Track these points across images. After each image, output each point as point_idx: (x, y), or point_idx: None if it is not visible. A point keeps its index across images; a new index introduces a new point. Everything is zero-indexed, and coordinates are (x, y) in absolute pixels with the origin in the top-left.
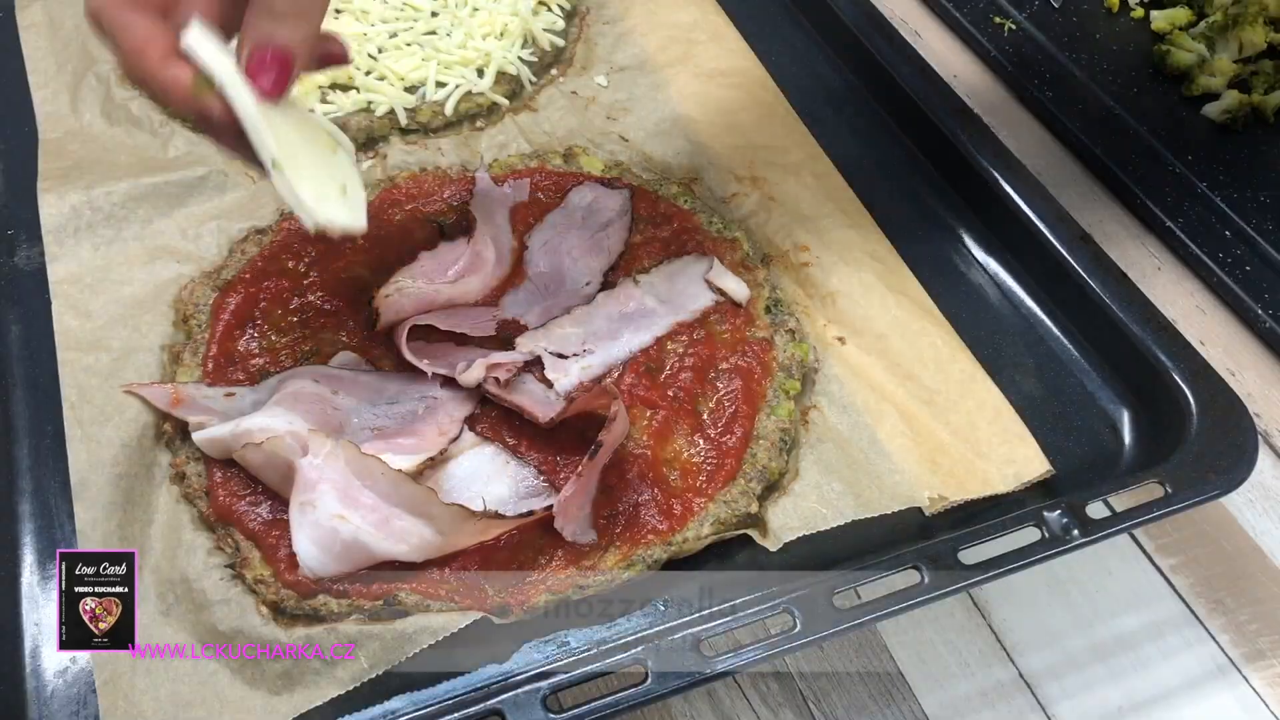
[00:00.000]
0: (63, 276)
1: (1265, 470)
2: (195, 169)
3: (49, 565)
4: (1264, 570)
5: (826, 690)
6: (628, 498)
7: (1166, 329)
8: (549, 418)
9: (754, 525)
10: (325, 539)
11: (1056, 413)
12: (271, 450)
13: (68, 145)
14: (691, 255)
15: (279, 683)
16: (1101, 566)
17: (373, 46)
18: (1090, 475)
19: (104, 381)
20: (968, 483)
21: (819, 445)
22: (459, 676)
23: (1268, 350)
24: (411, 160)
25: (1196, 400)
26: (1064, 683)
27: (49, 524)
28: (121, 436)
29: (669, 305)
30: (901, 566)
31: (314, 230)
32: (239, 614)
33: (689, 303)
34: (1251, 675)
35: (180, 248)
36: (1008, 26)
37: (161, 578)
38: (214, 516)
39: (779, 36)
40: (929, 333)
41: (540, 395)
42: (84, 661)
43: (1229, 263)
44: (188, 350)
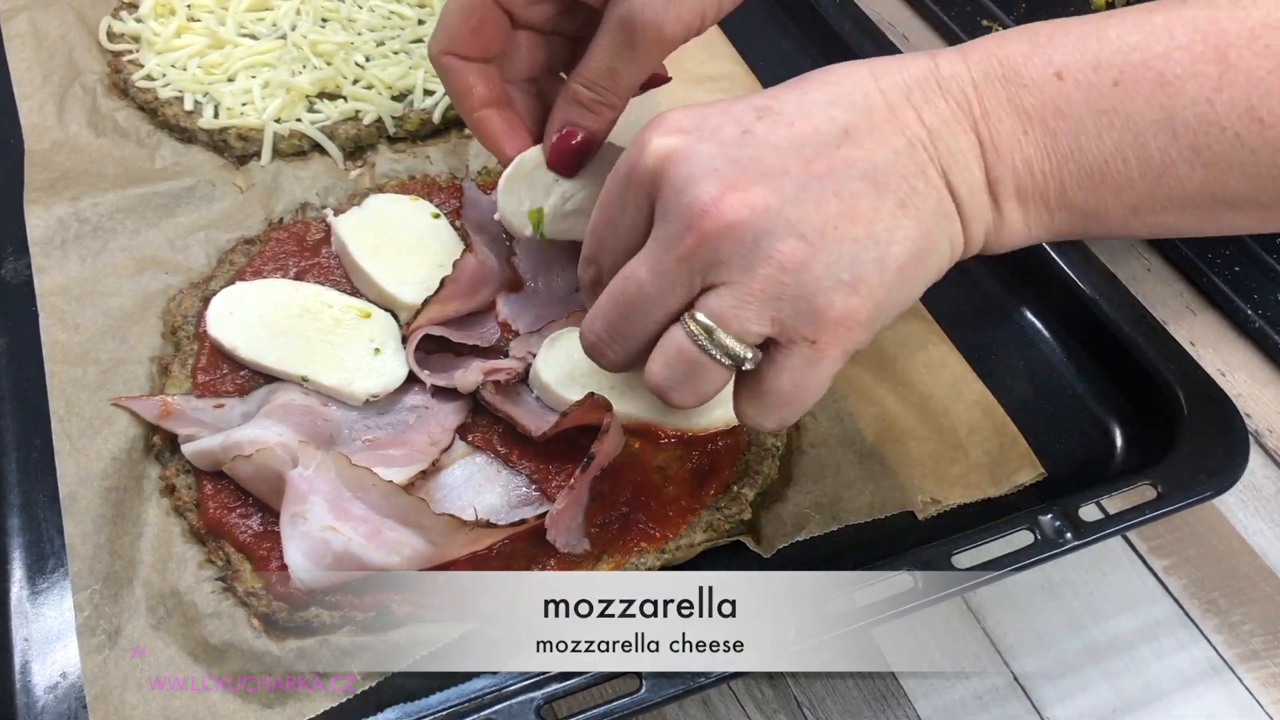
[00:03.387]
0: (50, 289)
1: (1257, 470)
2: (183, 179)
3: (39, 580)
4: (1257, 570)
5: (821, 696)
6: (620, 505)
7: (1156, 330)
8: (541, 432)
9: (747, 532)
10: (316, 550)
11: (1048, 415)
12: (262, 462)
13: (54, 156)
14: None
15: (271, 696)
16: (1094, 568)
17: (360, 55)
18: (1082, 477)
19: (92, 394)
20: (960, 486)
21: (811, 450)
22: (452, 687)
23: (1258, 350)
24: (400, 168)
25: (1187, 401)
26: (1058, 685)
27: (38, 538)
28: (111, 449)
29: None
30: (895, 571)
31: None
32: (231, 627)
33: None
34: (1245, 675)
35: (168, 259)
36: (995, 29)
37: (152, 591)
38: (205, 529)
39: (766, 41)
40: (919, 337)
41: (534, 407)
42: (75, 676)
43: (1218, 263)
44: (176, 362)
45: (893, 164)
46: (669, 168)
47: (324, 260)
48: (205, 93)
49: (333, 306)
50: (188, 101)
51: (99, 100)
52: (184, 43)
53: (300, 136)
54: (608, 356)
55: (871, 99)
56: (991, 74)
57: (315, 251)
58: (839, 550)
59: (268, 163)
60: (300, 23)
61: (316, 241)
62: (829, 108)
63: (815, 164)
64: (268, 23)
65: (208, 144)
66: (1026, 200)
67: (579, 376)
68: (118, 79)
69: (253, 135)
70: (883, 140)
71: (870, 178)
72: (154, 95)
